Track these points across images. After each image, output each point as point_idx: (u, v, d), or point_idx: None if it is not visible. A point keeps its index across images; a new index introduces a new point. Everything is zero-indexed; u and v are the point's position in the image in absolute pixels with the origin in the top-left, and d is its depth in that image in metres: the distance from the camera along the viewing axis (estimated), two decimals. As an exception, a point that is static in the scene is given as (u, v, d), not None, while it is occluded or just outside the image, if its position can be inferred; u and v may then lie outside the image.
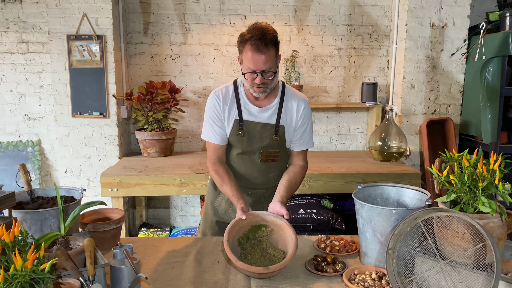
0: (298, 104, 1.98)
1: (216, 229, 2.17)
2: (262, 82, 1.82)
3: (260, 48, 1.76)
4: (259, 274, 1.58)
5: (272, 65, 1.81)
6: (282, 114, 1.97)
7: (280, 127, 1.96)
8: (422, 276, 1.43)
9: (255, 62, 1.78)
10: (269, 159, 2.01)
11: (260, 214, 1.82)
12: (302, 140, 2.04)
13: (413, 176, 3.19)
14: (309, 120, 2.03)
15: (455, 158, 1.57)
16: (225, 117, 1.98)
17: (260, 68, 1.79)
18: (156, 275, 1.67)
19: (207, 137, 2.02)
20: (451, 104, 3.66)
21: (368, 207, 1.67)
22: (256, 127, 1.96)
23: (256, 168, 2.02)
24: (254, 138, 1.97)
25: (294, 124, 1.99)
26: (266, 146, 1.98)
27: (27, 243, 1.29)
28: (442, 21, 3.53)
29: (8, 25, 3.72)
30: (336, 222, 3.23)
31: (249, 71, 1.81)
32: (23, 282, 1.11)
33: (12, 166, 3.79)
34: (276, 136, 1.96)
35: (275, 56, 1.82)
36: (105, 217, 1.97)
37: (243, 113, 1.96)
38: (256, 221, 1.80)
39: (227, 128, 2.00)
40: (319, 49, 3.90)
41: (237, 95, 1.98)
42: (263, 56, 1.77)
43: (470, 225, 1.34)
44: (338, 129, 4.04)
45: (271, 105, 1.96)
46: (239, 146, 2.00)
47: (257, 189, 2.07)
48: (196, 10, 3.80)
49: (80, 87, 3.54)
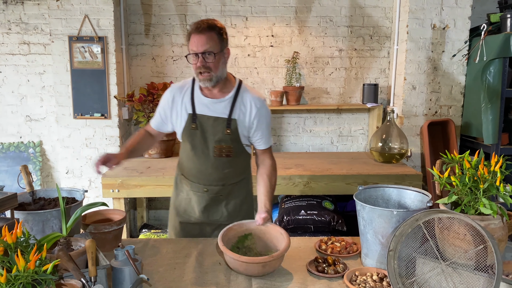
0: (254, 102, 2.00)
1: (178, 229, 2.19)
2: (203, 64, 1.86)
3: (201, 29, 1.84)
4: (263, 264, 1.61)
5: (212, 48, 1.85)
6: (236, 108, 1.99)
7: (232, 121, 1.98)
8: (423, 278, 1.43)
9: (195, 43, 1.85)
10: (223, 154, 2.01)
11: (245, 223, 1.88)
12: (264, 138, 2.06)
13: (414, 177, 3.18)
14: (267, 119, 2.05)
15: (456, 159, 1.57)
16: (177, 109, 2.02)
17: (200, 49, 1.84)
18: (158, 276, 1.68)
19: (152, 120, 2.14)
20: (452, 105, 3.66)
21: (369, 209, 1.67)
22: (209, 121, 1.99)
23: (210, 163, 2.01)
24: (207, 132, 1.99)
25: (248, 121, 2.01)
26: (219, 140, 1.99)
27: (29, 244, 1.29)
28: (443, 22, 3.54)
29: (10, 26, 3.73)
30: (337, 223, 3.23)
31: (192, 54, 1.87)
32: (25, 283, 1.11)
33: (14, 167, 3.80)
34: (228, 130, 1.98)
35: (217, 41, 1.87)
36: (106, 218, 1.98)
37: (196, 106, 2.00)
38: (241, 231, 1.85)
39: (180, 123, 2.03)
40: (320, 51, 3.90)
41: (193, 88, 2.03)
42: (203, 36, 1.84)
43: (471, 226, 1.34)
44: (339, 130, 4.04)
45: (224, 98, 1.99)
46: (192, 141, 2.02)
47: (212, 185, 2.06)
48: (197, 11, 3.81)
49: (81, 88, 3.55)
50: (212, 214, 2.11)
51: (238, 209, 2.15)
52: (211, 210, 2.11)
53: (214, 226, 2.13)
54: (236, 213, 2.13)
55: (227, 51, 1.94)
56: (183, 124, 2.01)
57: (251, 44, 3.86)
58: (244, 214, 2.15)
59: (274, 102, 3.74)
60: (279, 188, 3.17)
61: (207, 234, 2.15)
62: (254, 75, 3.92)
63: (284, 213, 3.30)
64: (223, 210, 2.11)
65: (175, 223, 2.21)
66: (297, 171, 3.24)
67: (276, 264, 1.68)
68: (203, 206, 2.10)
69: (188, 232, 2.17)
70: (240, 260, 1.61)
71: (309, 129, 4.03)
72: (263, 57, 3.89)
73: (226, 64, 1.97)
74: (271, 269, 1.66)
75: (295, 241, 2.02)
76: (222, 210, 2.11)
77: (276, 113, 3.99)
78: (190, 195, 2.11)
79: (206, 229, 2.15)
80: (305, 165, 3.43)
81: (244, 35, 3.85)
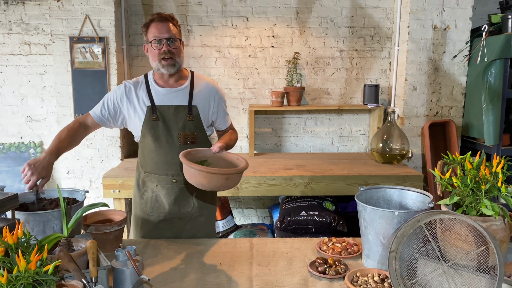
0: (210, 88, 2.10)
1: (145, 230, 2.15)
2: (169, 49, 1.94)
3: (164, 18, 1.96)
4: (227, 177, 1.70)
5: (177, 35, 1.98)
6: (194, 95, 2.05)
7: (193, 107, 2.04)
8: (425, 279, 1.43)
9: (160, 30, 1.94)
10: (188, 141, 2.04)
11: (201, 150, 1.93)
12: (224, 119, 2.18)
13: (415, 178, 3.18)
14: (223, 100, 2.16)
15: (457, 160, 1.57)
16: (134, 104, 2.04)
17: (166, 35, 1.94)
18: (159, 277, 1.67)
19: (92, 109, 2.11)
20: (453, 106, 3.66)
21: (370, 210, 1.67)
22: (169, 110, 2.03)
23: (177, 152, 1.96)
24: (169, 122, 2.03)
25: (208, 106, 2.08)
26: (183, 128, 2.03)
27: (30, 244, 1.29)
28: (444, 23, 3.53)
29: (10, 26, 3.73)
30: (338, 224, 3.23)
31: (156, 40, 1.94)
32: (26, 283, 1.11)
33: (14, 167, 3.80)
34: (190, 116, 2.03)
35: (178, 30, 2.01)
36: (107, 218, 1.98)
37: (154, 98, 2.03)
38: (198, 157, 1.88)
39: (140, 117, 2.03)
40: (321, 51, 3.90)
41: (147, 82, 2.08)
42: (167, 23, 1.96)
43: (473, 227, 1.34)
44: (340, 131, 4.04)
45: (181, 87, 2.06)
46: (155, 132, 2.03)
47: (181, 175, 2.02)
48: (198, 12, 3.81)
49: (82, 89, 3.55)
50: (183, 206, 2.11)
51: (207, 200, 2.16)
52: (181, 202, 2.10)
53: (186, 219, 2.13)
54: (204, 204, 2.15)
55: (182, 45, 2.04)
56: (142, 117, 2.04)
57: (252, 45, 3.86)
58: (211, 203, 2.19)
59: (275, 102, 3.74)
60: (279, 188, 3.17)
61: (179, 229, 2.13)
62: (255, 76, 3.92)
63: (285, 213, 3.30)
64: (194, 200, 2.11)
65: (142, 225, 2.15)
66: (298, 172, 3.24)
67: (237, 179, 1.77)
68: (173, 198, 2.09)
69: (159, 231, 2.12)
70: (206, 171, 1.66)
71: (310, 129, 4.03)
72: (264, 58, 3.89)
73: None
74: (232, 183, 1.75)
75: (296, 242, 2.02)
76: (193, 200, 2.11)
77: (277, 114, 3.99)
78: (157, 191, 2.09)
79: (178, 224, 2.13)
80: (306, 165, 3.43)
81: (245, 36, 3.85)
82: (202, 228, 2.16)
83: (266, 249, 1.93)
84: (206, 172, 1.67)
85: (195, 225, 2.15)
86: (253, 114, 3.68)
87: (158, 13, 2.01)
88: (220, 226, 3.51)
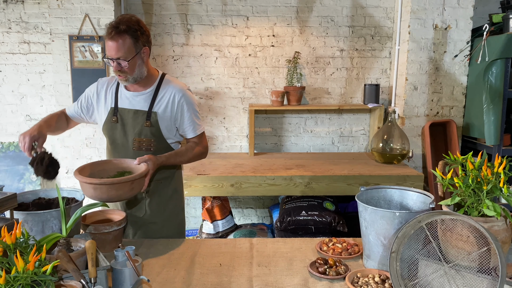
0: (175, 93, 2.01)
1: None
2: (118, 69, 1.89)
3: (112, 36, 1.84)
4: (117, 186, 1.66)
5: (125, 55, 1.86)
6: (156, 101, 2.01)
7: (153, 113, 1.99)
8: (426, 280, 1.42)
9: (109, 49, 1.87)
10: (143, 147, 2.01)
11: (126, 161, 1.89)
12: (191, 127, 2.06)
13: (416, 178, 3.17)
14: (191, 107, 2.05)
15: (459, 160, 1.56)
16: (102, 103, 2.05)
17: (113, 55, 1.87)
18: (158, 277, 1.67)
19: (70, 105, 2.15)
20: (454, 106, 3.65)
21: (371, 210, 1.66)
22: (129, 114, 2.01)
23: (130, 157, 1.96)
24: (127, 125, 2.01)
25: (171, 113, 2.01)
26: (139, 133, 2.00)
27: (28, 245, 1.28)
28: (445, 22, 3.52)
29: (10, 25, 3.72)
30: (338, 224, 3.22)
31: (108, 58, 1.89)
32: (25, 284, 1.10)
33: (13, 167, 3.79)
34: (148, 122, 1.99)
35: (131, 45, 1.87)
36: (106, 218, 1.97)
37: (118, 100, 2.03)
38: (121, 168, 1.86)
39: (103, 117, 2.04)
40: (321, 51, 3.89)
41: (118, 84, 2.07)
42: (115, 43, 1.85)
43: (475, 228, 1.33)
44: (340, 130, 4.03)
45: (145, 91, 2.02)
46: (112, 134, 2.03)
47: None
48: (198, 11, 3.80)
49: (81, 88, 3.51)
50: (136, 210, 2.10)
51: (163, 208, 2.13)
52: (133, 207, 2.10)
53: (137, 225, 2.11)
54: (161, 212, 2.12)
55: (145, 50, 1.94)
56: (103, 118, 2.04)
57: (252, 44, 3.85)
58: (169, 212, 2.15)
59: (275, 102, 3.73)
60: (279, 188, 3.16)
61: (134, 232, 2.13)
62: (255, 75, 3.91)
63: (285, 213, 3.30)
64: (146, 208, 2.10)
65: None
66: (298, 172, 3.23)
67: (140, 184, 1.74)
68: (125, 202, 2.09)
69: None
70: (92, 181, 1.64)
71: (310, 129, 4.02)
72: (264, 57, 3.88)
73: (146, 62, 1.97)
74: (125, 193, 1.70)
75: (296, 242, 2.01)
76: (146, 208, 2.10)
77: (277, 113, 3.98)
78: None
79: (133, 227, 2.12)
80: (306, 165, 3.42)
81: (245, 35, 3.84)
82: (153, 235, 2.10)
83: (266, 249, 1.93)
84: (108, 184, 1.64)
85: (146, 232, 2.12)
86: (253, 113, 3.67)
87: (112, 25, 1.86)
88: (220, 226, 3.51)
